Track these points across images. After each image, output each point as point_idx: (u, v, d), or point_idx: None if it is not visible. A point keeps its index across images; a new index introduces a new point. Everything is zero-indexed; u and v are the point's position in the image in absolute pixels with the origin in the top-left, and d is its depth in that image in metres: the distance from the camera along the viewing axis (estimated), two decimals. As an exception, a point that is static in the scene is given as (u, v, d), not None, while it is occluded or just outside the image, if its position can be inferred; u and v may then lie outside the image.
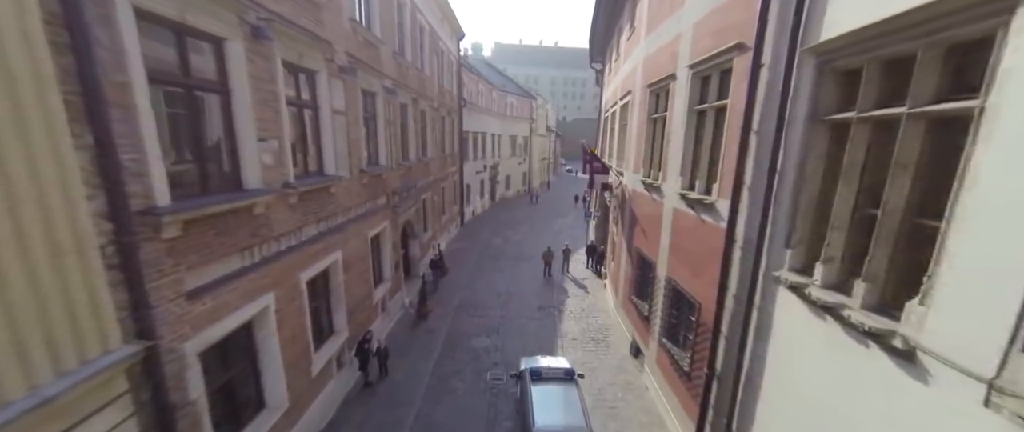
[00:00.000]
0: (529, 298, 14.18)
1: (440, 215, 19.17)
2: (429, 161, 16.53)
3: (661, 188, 8.25)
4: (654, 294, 8.60)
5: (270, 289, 5.70)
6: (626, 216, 11.23)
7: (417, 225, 14.74)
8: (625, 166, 11.84)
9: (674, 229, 7.58)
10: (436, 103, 17.57)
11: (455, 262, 17.78)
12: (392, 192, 11.68)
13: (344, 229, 8.31)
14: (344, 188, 8.27)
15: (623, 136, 12.88)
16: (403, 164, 12.67)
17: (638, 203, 10.07)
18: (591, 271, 17.04)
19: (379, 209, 10.58)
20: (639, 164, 9.85)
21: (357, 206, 9.00)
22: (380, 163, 10.65)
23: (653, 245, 8.68)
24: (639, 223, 9.87)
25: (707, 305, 6.15)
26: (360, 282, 9.30)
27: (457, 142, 23.09)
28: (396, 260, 12.16)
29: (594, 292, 14.77)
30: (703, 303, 6.31)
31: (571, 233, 23.75)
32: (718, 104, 6.10)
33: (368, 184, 9.61)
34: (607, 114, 17.47)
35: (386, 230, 11.17)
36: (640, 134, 9.88)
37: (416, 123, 14.38)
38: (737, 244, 5.24)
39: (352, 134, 8.58)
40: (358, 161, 8.94)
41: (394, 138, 11.80)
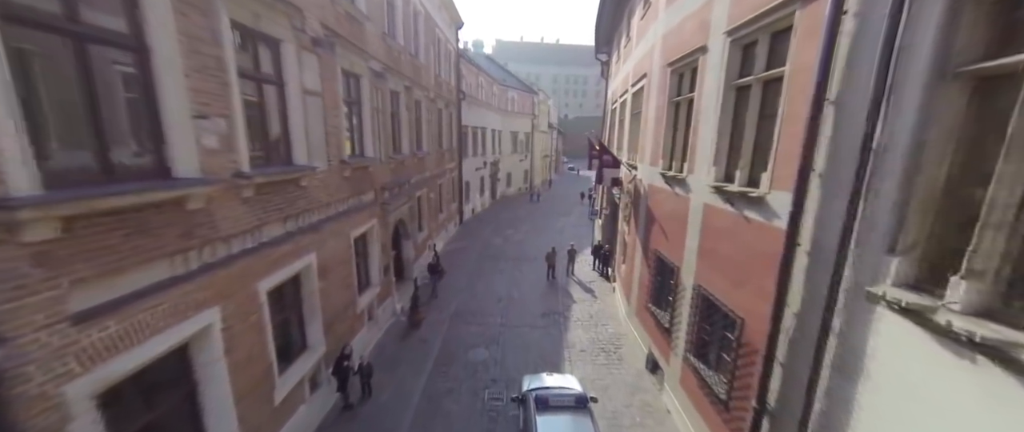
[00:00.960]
0: (532, 303, 13.06)
1: (437, 213, 18.06)
2: (424, 156, 15.42)
3: (686, 181, 7.12)
4: (677, 303, 7.47)
5: (214, 303, 4.59)
6: (640, 214, 10.11)
7: (411, 224, 13.63)
8: (638, 159, 10.71)
9: (705, 229, 6.44)
10: (432, 94, 16.46)
11: (453, 263, 16.67)
12: (381, 188, 10.57)
13: (320, 228, 7.20)
14: (320, 181, 7.16)
15: (636, 126, 11.74)
16: (394, 157, 11.56)
17: (656, 199, 8.94)
18: (598, 273, 15.92)
19: (365, 206, 9.47)
20: (657, 155, 8.72)
21: (337, 202, 7.89)
22: (366, 155, 9.53)
23: (676, 247, 7.56)
24: (657, 222, 8.74)
25: (753, 322, 5.02)
26: (341, 289, 8.19)
27: (455, 137, 21.97)
28: (386, 263, 11.05)
29: (602, 296, 13.65)
30: (747, 319, 5.18)
31: (575, 232, 22.63)
32: (769, 75, 4.97)
33: (351, 178, 8.50)
34: (614, 106, 16.34)
35: (374, 229, 10.06)
36: (658, 122, 8.74)
37: (410, 113, 13.26)
38: (801, 248, 4.12)
39: (330, 120, 7.46)
40: (338, 151, 7.82)
41: (383, 128, 10.69)
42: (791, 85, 4.41)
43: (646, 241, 9.52)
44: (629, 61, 12.55)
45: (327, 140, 7.37)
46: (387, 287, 11.26)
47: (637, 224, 10.44)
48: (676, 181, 7.60)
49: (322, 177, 7.24)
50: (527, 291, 14.08)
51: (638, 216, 10.39)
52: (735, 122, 5.77)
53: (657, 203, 8.87)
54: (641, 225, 10.02)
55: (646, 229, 9.57)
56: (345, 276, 8.39)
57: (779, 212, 4.51)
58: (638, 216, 10.39)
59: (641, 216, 10.04)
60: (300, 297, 6.88)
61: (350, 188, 8.49)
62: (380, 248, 10.58)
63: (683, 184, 7.29)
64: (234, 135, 4.81)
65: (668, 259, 7.99)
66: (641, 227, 10.01)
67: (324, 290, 7.40)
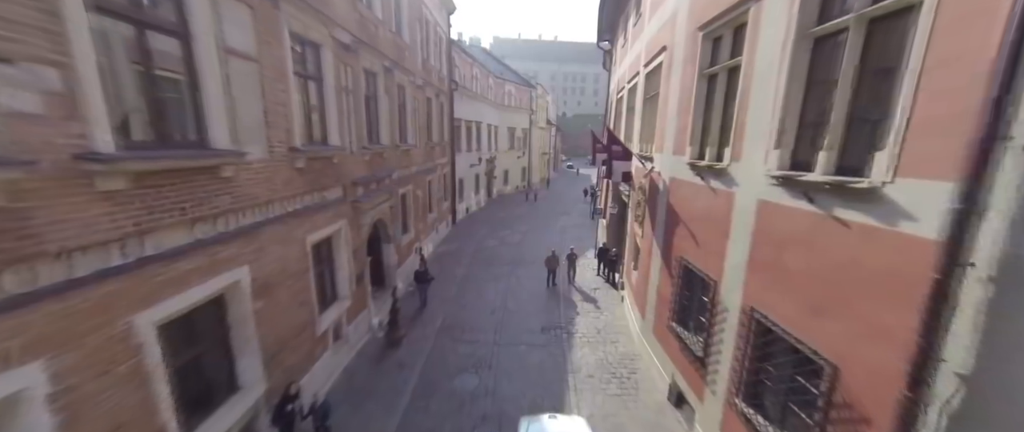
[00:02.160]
0: (530, 315, 11.46)
1: (425, 213, 16.42)
2: (410, 148, 13.79)
3: (728, 172, 5.52)
4: (715, 327, 5.88)
5: (38, 353, 2.96)
6: (658, 214, 8.51)
7: (393, 225, 12.00)
8: (655, 149, 9.11)
9: (760, 233, 4.84)
10: (420, 80, 14.81)
11: (442, 268, 15.05)
12: (353, 183, 8.94)
13: (257, 233, 5.58)
14: (257, 173, 5.53)
15: (650, 112, 10.14)
16: (370, 148, 9.92)
17: (681, 196, 7.34)
18: (603, 279, 14.33)
19: (329, 204, 7.84)
20: (683, 142, 7.12)
21: (285, 200, 6.26)
22: (331, 143, 7.90)
23: (711, 256, 5.96)
24: (682, 223, 7.13)
25: (856, 374, 3.42)
26: (292, 307, 6.56)
27: (447, 130, 20.34)
28: (359, 271, 9.42)
29: (609, 306, 12.06)
30: (843, 369, 3.57)
31: (576, 233, 21.05)
32: (887, 7, 3.35)
33: (309, 170, 6.87)
34: (620, 94, 14.74)
35: (341, 232, 8.43)
36: (684, 101, 7.14)
37: (391, 99, 11.62)
38: (974, 271, 2.52)
39: (272, 95, 5.83)
40: (286, 136, 6.19)
41: (355, 113, 9.06)
42: (941, 21, 2.79)
43: (666, 246, 7.92)
44: (640, 39, 10.94)
45: (267, 121, 5.74)
46: (361, 299, 9.63)
47: (653, 225, 8.84)
48: (712, 172, 6.00)
49: (260, 168, 5.61)
50: (525, 300, 12.47)
51: (654, 216, 8.79)
52: (812, 86, 4.18)
53: (682, 200, 7.27)
54: (659, 227, 8.42)
55: (666, 232, 7.98)
56: (298, 291, 6.75)
57: (912, 212, 2.91)
58: (654, 216, 8.79)
59: (659, 216, 8.44)
60: (224, 325, 5.24)
61: (306, 182, 6.86)
62: (351, 254, 8.95)
63: (723, 176, 5.69)
64: (76, 95, 3.17)
65: (699, 270, 6.39)
66: (659, 229, 8.41)
67: (265, 312, 5.77)
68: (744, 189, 5.18)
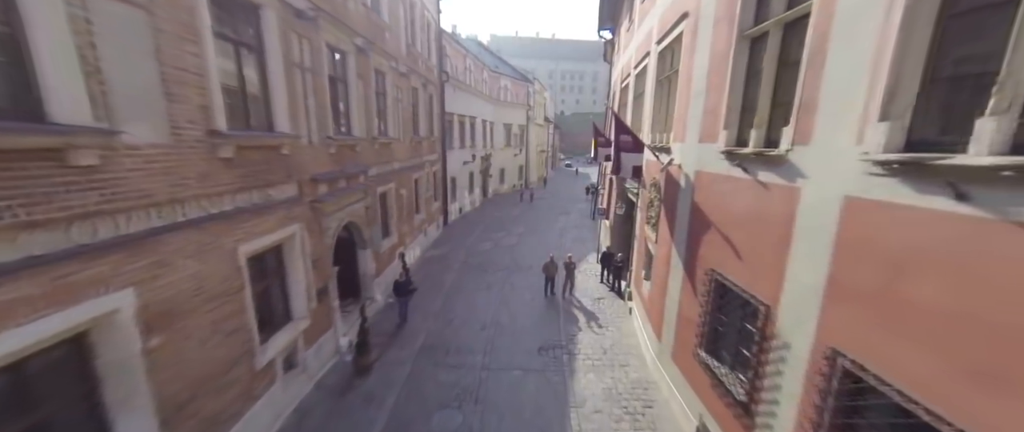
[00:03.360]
0: (525, 331, 9.99)
1: (411, 214, 14.94)
2: (392, 142, 12.31)
3: (790, 160, 4.07)
4: (766, 367, 4.43)
5: None
6: (678, 215, 7.06)
7: (370, 228, 10.52)
8: (673, 138, 7.67)
9: (852, 245, 3.37)
10: (403, 67, 13.33)
11: (429, 276, 13.59)
12: (312, 179, 7.47)
13: (151, 244, 4.10)
14: (150, 162, 4.06)
15: (665, 95, 8.71)
16: (337, 139, 8.44)
17: (712, 193, 5.90)
18: (607, 287, 12.87)
19: (277, 205, 6.36)
20: (714, 127, 5.69)
21: (203, 198, 4.77)
22: (278, 130, 6.42)
23: (763, 271, 4.51)
24: (715, 228, 5.68)
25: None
26: (214, 339, 5.07)
27: (438, 124, 18.85)
28: (322, 284, 7.94)
29: (615, 320, 10.60)
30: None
31: (576, 235, 19.61)
32: None
33: (241, 161, 5.39)
34: (625, 82, 13.30)
35: (296, 239, 6.95)
36: (715, 75, 5.70)
37: (365, 85, 10.14)
38: None
39: (173, 57, 4.35)
40: (201, 114, 4.71)
41: (316, 96, 7.58)
42: None
43: (690, 255, 6.48)
44: (652, 14, 9.49)
45: (168, 92, 4.26)
46: (324, 317, 8.14)
47: (672, 229, 7.39)
48: (761, 162, 4.55)
49: (156, 155, 4.13)
50: (519, 313, 11.00)
51: (673, 218, 7.35)
52: (949, 23, 2.73)
53: (713, 198, 5.82)
54: (680, 231, 6.97)
55: (690, 237, 6.53)
56: (226, 316, 5.26)
57: None
58: (673, 218, 7.35)
59: (679, 218, 6.99)
60: (89, 376, 3.74)
61: (237, 177, 5.38)
62: (311, 264, 7.47)
63: (778, 165, 4.25)
64: None
65: (741, 289, 4.94)
66: (680, 234, 6.96)
67: (166, 351, 4.29)
68: (817, 182, 3.73)
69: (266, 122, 6.27)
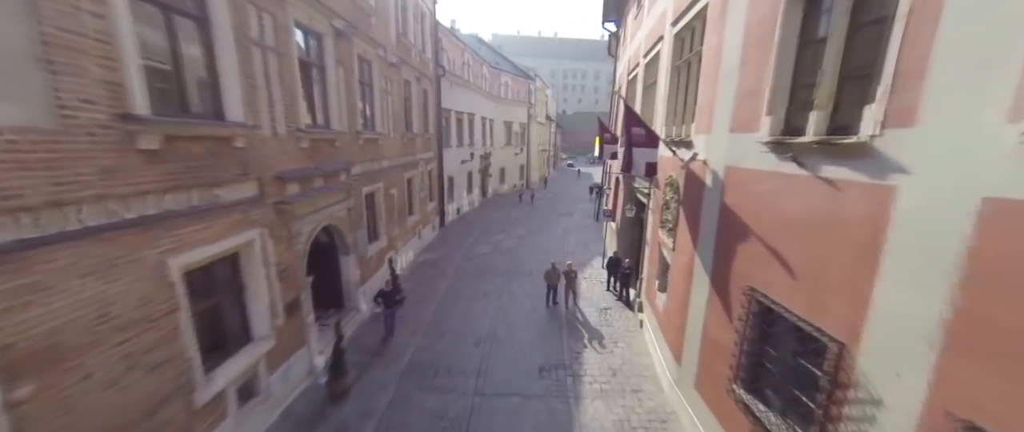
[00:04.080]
0: (524, 348, 8.94)
1: (402, 216, 13.91)
2: (379, 138, 11.29)
3: (878, 149, 3.02)
4: (839, 421, 3.37)
5: None
6: (704, 219, 6.01)
7: (354, 232, 9.49)
8: (696, 130, 6.62)
9: (1001, 270, 2.32)
10: (393, 57, 12.31)
11: (421, 282, 12.55)
12: (277, 177, 6.46)
13: (12, 263, 3.07)
14: (12, 149, 3.04)
15: (682, 83, 7.66)
16: (309, 132, 7.42)
17: (752, 193, 4.84)
18: (614, 296, 11.81)
19: (228, 207, 5.34)
20: (753, 112, 4.63)
21: (110, 199, 3.75)
22: (229, 119, 5.39)
23: (832, 296, 3.45)
24: (755, 236, 4.62)
25: None
26: (129, 379, 4.03)
27: (433, 121, 17.83)
28: (292, 296, 6.92)
29: (624, 335, 9.54)
30: None
31: (579, 237, 18.55)
32: None
33: (170, 154, 4.37)
34: (633, 73, 12.23)
35: (255, 246, 5.92)
36: (755, 48, 4.65)
37: (347, 73, 9.13)
38: None
39: (54, 15, 3.32)
40: (106, 92, 3.68)
41: (282, 82, 6.57)
42: None
43: (721, 268, 5.42)
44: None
45: (50, 62, 3.24)
46: (295, 334, 7.12)
47: (694, 236, 6.34)
48: (830, 153, 3.49)
49: (24, 143, 3.11)
50: (518, 326, 9.95)
51: (695, 223, 6.29)
52: None
53: (755, 200, 4.76)
54: (704, 238, 5.91)
55: (720, 246, 5.47)
56: (148, 348, 4.23)
57: None
58: (695, 223, 6.29)
59: (705, 223, 5.93)
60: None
61: (166, 173, 4.35)
62: (276, 275, 6.45)
63: (859, 158, 3.19)
64: None
65: (800, 318, 3.87)
66: (704, 241, 5.90)
67: (48, 400, 3.27)
68: (928, 178, 2.68)
69: (213, 109, 5.25)
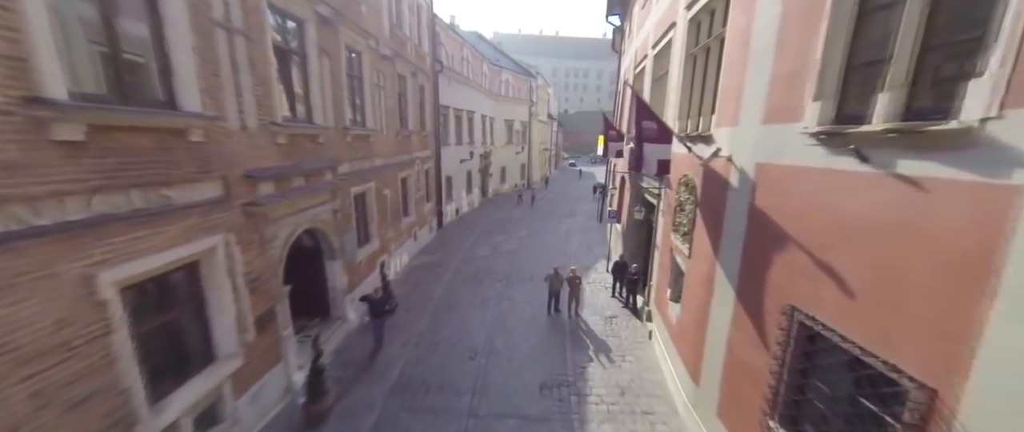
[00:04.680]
0: (524, 361, 8.22)
1: (397, 217, 13.20)
2: (371, 135, 10.60)
3: (992, 139, 2.29)
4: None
5: None
6: (728, 223, 5.28)
7: (342, 235, 8.79)
8: (717, 123, 5.88)
9: None
10: (387, 49, 11.61)
11: (415, 287, 11.84)
12: (246, 176, 5.75)
13: None
14: None
15: (699, 72, 6.94)
16: (287, 127, 6.72)
17: (791, 194, 4.10)
18: (620, 303, 11.08)
19: (183, 209, 4.64)
20: (793, 98, 3.90)
21: (7, 203, 3.05)
22: (182, 108, 4.69)
23: (914, 326, 2.73)
24: (797, 245, 3.88)
25: None
26: (33, 423, 3.33)
27: (431, 118, 17.11)
28: (264, 308, 6.22)
29: (632, 347, 8.81)
30: None
31: (582, 239, 17.84)
32: None
33: (100, 147, 3.67)
34: (640, 66, 11.49)
35: (217, 254, 5.22)
36: (795, 23, 3.92)
37: (333, 63, 8.42)
38: None
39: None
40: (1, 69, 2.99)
41: (254, 68, 5.87)
42: None
43: (752, 280, 4.69)
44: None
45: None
46: (269, 351, 6.42)
47: (715, 243, 5.61)
48: (911, 144, 2.76)
49: None
50: (518, 336, 9.23)
51: (717, 228, 5.56)
52: None
53: (796, 202, 4.02)
54: (728, 245, 5.18)
55: (751, 255, 4.74)
56: (69, 381, 3.52)
57: None
58: (717, 228, 5.56)
59: (730, 228, 5.20)
60: None
61: (94, 171, 3.65)
62: (245, 285, 5.75)
63: (959, 149, 2.46)
64: None
65: (864, 349, 3.14)
66: (728, 249, 5.17)
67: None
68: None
69: (163, 96, 4.54)
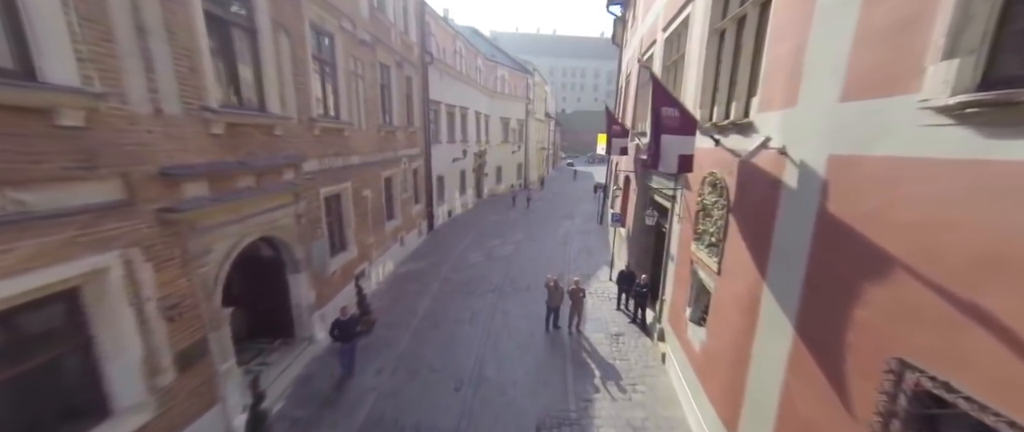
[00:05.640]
0: (520, 393, 7.00)
1: (380, 221, 11.94)
2: (346, 129, 9.35)
3: None
4: None
5: None
6: (787, 236, 4.08)
7: (304, 245, 7.54)
8: (758, 108, 4.68)
9: None
10: (366, 34, 10.36)
11: (397, 300, 10.59)
12: (163, 173, 4.50)
13: None
14: None
15: (729, 48, 5.75)
16: (223, 113, 5.46)
17: (908, 205, 2.89)
18: (627, 317, 9.86)
19: (47, 219, 3.39)
20: (901, 64, 2.71)
21: None
22: (45, 80, 3.43)
23: None
24: (916, 277, 2.68)
25: None
26: None
27: (420, 113, 15.85)
28: (193, 341, 4.97)
29: (645, 373, 7.60)
30: None
31: (583, 243, 16.63)
32: None
33: None
34: (648, 52, 10.29)
35: (108, 278, 3.97)
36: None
37: (294, 43, 7.17)
38: None
39: None
40: None
41: (172, 38, 4.62)
42: None
43: (821, 313, 3.48)
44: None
45: None
46: (200, 391, 5.15)
47: (761, 259, 4.40)
48: None
49: None
50: (512, 361, 8.00)
51: (764, 240, 4.36)
52: None
53: (904, 211, 2.80)
54: (785, 264, 3.98)
55: (818, 279, 3.53)
56: None
57: None
58: (764, 240, 4.36)
59: (784, 241, 4.00)
60: None
61: None
62: (158, 314, 4.50)
63: None
64: None
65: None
66: (786, 270, 3.97)
67: None
68: None
69: (14, 64, 3.29)
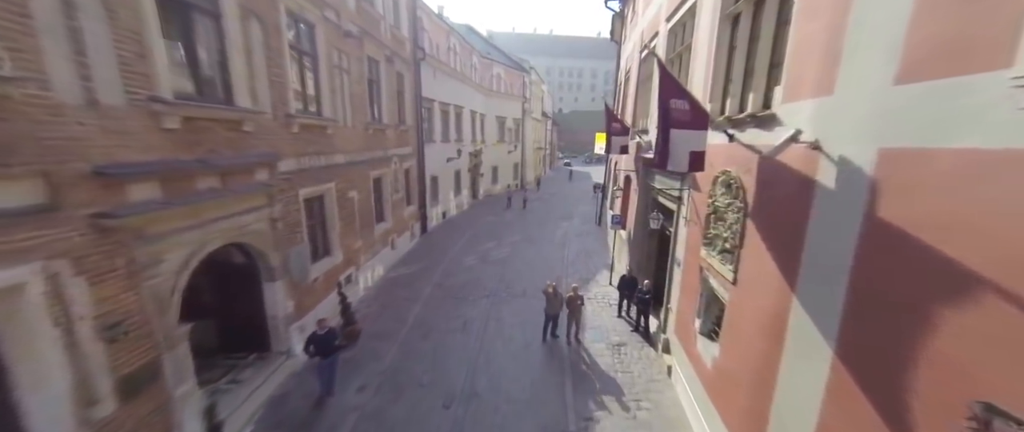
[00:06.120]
0: (515, 410, 6.41)
1: (369, 224, 11.32)
2: (329, 126, 8.74)
3: None
4: None
5: None
6: (821, 244, 3.53)
7: (280, 252, 6.93)
8: (784, 97, 4.12)
9: None
10: (351, 26, 9.74)
11: (386, 308, 9.99)
12: (96, 174, 3.89)
13: None
14: None
15: (742, 35, 5.19)
16: (176, 106, 4.85)
17: (991, 210, 2.33)
18: (629, 325, 9.31)
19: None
20: (977, 35, 2.14)
21: None
22: None
23: None
24: (1011, 300, 2.13)
25: None
26: None
27: (412, 111, 15.25)
28: (141, 364, 4.36)
29: (649, 387, 7.04)
30: None
31: (581, 245, 16.08)
32: None
33: None
34: (652, 43, 9.72)
35: (23, 296, 3.36)
36: None
37: (267, 30, 6.57)
38: None
39: None
40: None
41: (110, 13, 4.02)
42: None
43: (869, 337, 2.92)
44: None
45: None
46: (147, 425, 4.54)
47: (790, 270, 3.84)
48: None
49: None
50: (507, 374, 7.41)
51: (791, 248, 3.80)
52: None
53: (987, 218, 2.25)
54: (818, 277, 3.42)
55: (866, 296, 2.97)
56: None
57: None
58: (791, 248, 3.80)
59: (817, 250, 3.44)
60: None
61: None
62: (94, 335, 3.90)
63: None
64: None
65: None
66: (818, 283, 3.41)
67: None
68: None
69: None
